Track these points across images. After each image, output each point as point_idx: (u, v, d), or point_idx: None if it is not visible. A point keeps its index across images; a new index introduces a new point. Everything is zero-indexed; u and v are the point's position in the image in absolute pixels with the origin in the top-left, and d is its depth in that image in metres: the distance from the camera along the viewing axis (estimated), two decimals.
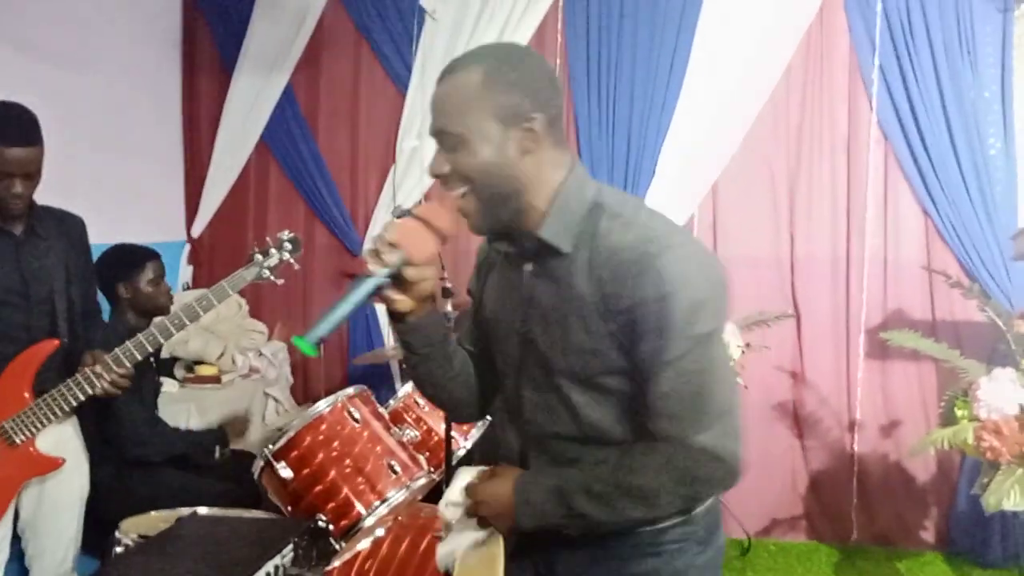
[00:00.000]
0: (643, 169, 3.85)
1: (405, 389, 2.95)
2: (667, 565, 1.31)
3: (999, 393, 2.85)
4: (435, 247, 1.26)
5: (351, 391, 2.48)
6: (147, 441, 2.70)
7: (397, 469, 2.34)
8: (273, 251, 2.47)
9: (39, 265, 2.37)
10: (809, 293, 3.87)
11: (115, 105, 3.69)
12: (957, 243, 3.62)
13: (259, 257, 2.46)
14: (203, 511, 2.28)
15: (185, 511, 2.23)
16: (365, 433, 2.39)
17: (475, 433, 2.88)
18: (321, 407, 2.37)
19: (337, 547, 2.24)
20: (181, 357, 3.77)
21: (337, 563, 2.29)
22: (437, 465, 2.62)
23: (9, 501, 2.32)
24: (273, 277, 2.47)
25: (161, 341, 2.37)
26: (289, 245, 2.49)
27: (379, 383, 4.04)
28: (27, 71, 3.08)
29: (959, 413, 3.00)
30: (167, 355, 3.71)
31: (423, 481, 2.41)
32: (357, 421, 2.39)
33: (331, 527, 2.23)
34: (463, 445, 2.84)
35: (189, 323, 2.41)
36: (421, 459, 2.49)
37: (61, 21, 3.33)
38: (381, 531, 2.38)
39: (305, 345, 1.17)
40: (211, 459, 2.84)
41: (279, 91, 4.16)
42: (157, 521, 2.26)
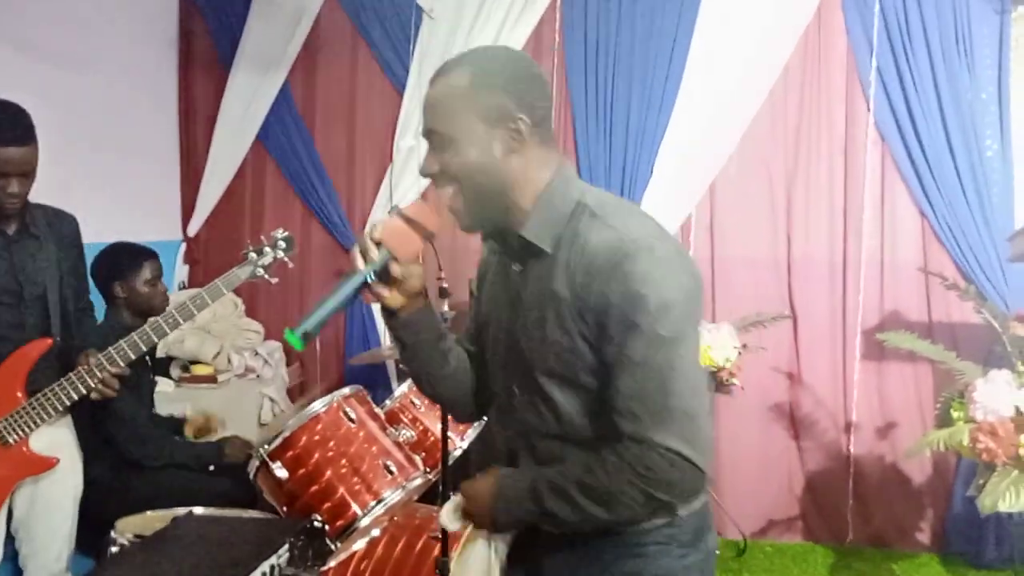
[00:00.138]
0: (640, 169, 3.85)
1: (401, 389, 2.94)
2: (649, 566, 1.31)
3: (995, 395, 2.86)
4: (419, 245, 1.31)
5: (347, 391, 2.47)
6: (147, 441, 2.70)
7: (393, 469, 2.33)
8: (267, 250, 2.47)
9: (32, 264, 2.36)
10: (806, 294, 3.88)
11: (112, 104, 3.68)
12: (954, 245, 3.62)
13: (253, 256, 2.46)
14: (199, 511, 2.27)
15: (181, 511, 2.22)
16: (361, 433, 2.38)
17: (471, 433, 2.88)
18: (317, 407, 2.36)
19: (333, 547, 2.24)
20: (177, 356, 3.76)
21: (333, 563, 2.29)
22: (433, 465, 2.62)
23: (3, 501, 2.31)
24: (267, 276, 2.47)
25: (155, 340, 2.36)
26: (283, 243, 2.49)
27: (375, 383, 4.04)
28: (25, 70, 3.07)
29: (955, 415, 3.00)
30: (163, 354, 3.70)
31: (419, 481, 2.40)
32: (353, 421, 2.38)
33: (327, 527, 2.22)
34: (459, 446, 2.83)
35: (183, 322, 2.40)
36: (417, 459, 2.48)
37: (58, 21, 3.32)
38: (377, 531, 2.38)
39: (293, 338, 1.21)
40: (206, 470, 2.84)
41: (276, 90, 4.16)
42: (153, 521, 2.25)
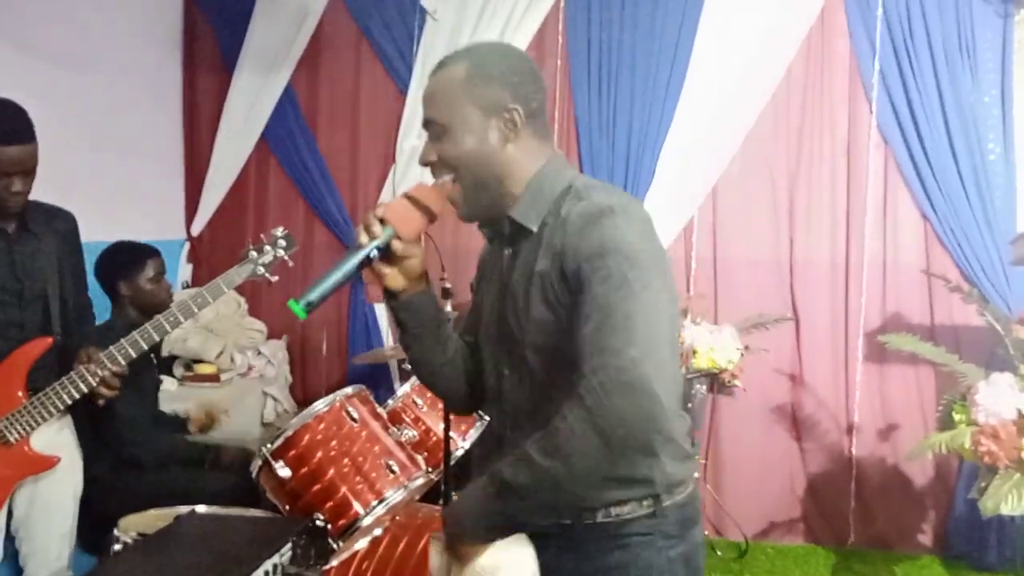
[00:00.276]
0: (643, 170, 3.85)
1: (404, 389, 2.95)
2: (633, 558, 1.31)
3: (997, 397, 2.86)
4: (422, 225, 1.34)
5: (349, 390, 2.47)
6: (140, 442, 2.70)
7: (395, 469, 2.33)
8: (267, 248, 2.46)
9: (32, 262, 2.36)
10: (808, 296, 3.88)
11: (116, 104, 3.69)
12: (956, 247, 3.62)
13: (254, 254, 2.45)
14: (201, 509, 2.27)
15: (184, 509, 2.22)
16: (363, 433, 2.38)
17: (473, 433, 2.88)
18: (319, 406, 2.36)
19: (335, 546, 2.24)
20: (180, 355, 3.77)
21: (335, 562, 2.29)
22: (435, 465, 2.62)
23: (4, 500, 2.31)
24: (267, 274, 2.47)
25: (156, 338, 2.36)
26: (283, 242, 2.48)
27: (378, 383, 4.05)
28: (28, 70, 3.08)
29: (957, 417, 3.01)
30: (166, 353, 3.71)
31: (421, 481, 2.40)
32: (355, 421, 2.38)
33: (329, 526, 2.22)
34: (461, 445, 2.83)
35: (184, 321, 2.40)
36: (419, 459, 2.48)
37: (63, 21, 3.33)
38: (379, 531, 2.38)
39: (297, 308, 1.25)
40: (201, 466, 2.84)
41: (280, 90, 4.17)
42: (155, 519, 2.25)
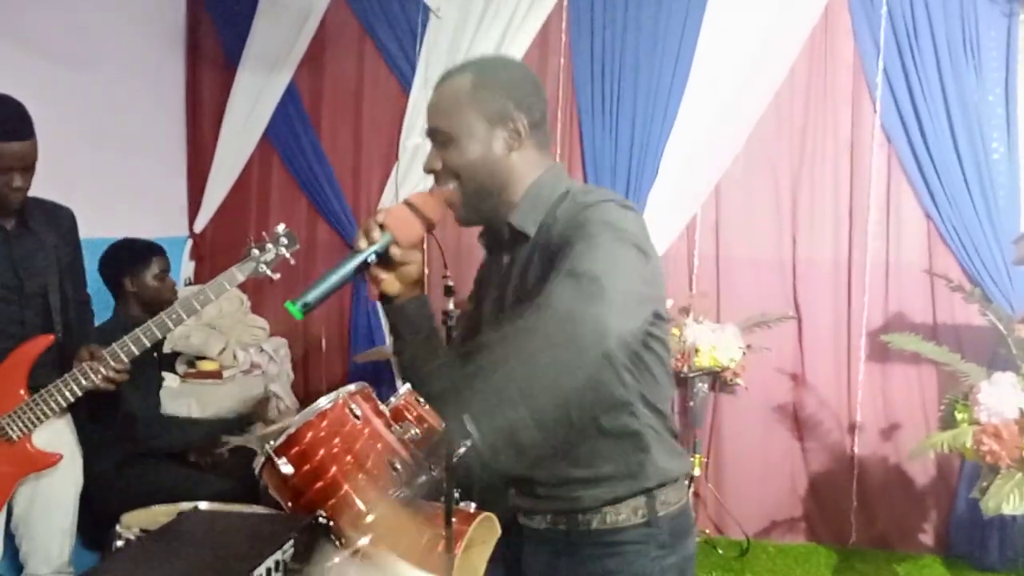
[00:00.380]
0: (646, 170, 3.85)
1: (406, 387, 2.93)
2: (627, 566, 1.33)
3: (999, 397, 2.86)
4: (420, 232, 1.36)
5: (352, 388, 2.46)
6: (158, 434, 2.72)
7: (398, 467, 2.34)
8: (269, 246, 2.46)
9: (32, 259, 2.36)
10: (811, 295, 3.87)
11: (119, 101, 3.69)
12: (959, 247, 3.62)
13: (255, 252, 2.45)
14: (204, 506, 2.27)
15: (186, 506, 2.22)
16: (366, 430, 2.36)
17: None
18: (323, 403, 2.36)
19: (337, 543, 2.24)
20: (183, 352, 3.78)
21: (337, 559, 2.29)
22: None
23: (7, 497, 2.31)
24: (269, 272, 2.46)
25: (158, 336, 2.36)
26: (285, 240, 2.47)
27: (380, 381, 4.05)
28: (33, 69, 3.09)
29: (959, 416, 3.01)
30: (169, 350, 3.72)
31: (423, 479, 2.40)
32: (358, 418, 2.37)
33: (331, 523, 2.22)
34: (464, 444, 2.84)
35: (187, 318, 2.41)
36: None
37: (66, 19, 3.33)
38: None
39: (293, 308, 1.27)
40: (216, 452, 2.85)
41: (283, 87, 4.17)
42: (158, 515, 2.25)
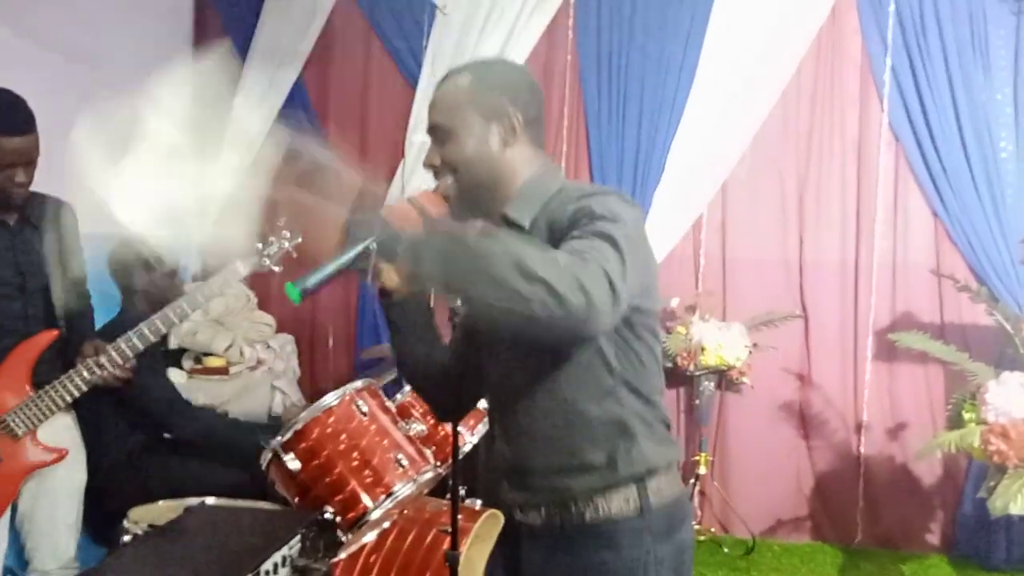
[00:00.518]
0: (652, 168, 3.84)
1: None
2: (622, 557, 1.34)
3: (1007, 397, 2.86)
4: (419, 225, 1.36)
5: (359, 384, 2.48)
6: (184, 423, 2.76)
7: (404, 463, 2.34)
8: (272, 240, 2.49)
9: (34, 255, 2.38)
10: (817, 295, 3.87)
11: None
12: (967, 246, 3.61)
13: (259, 246, 2.48)
14: (211, 501, 2.29)
15: (193, 501, 2.24)
16: (372, 426, 2.39)
17: (481, 428, 2.88)
18: (330, 400, 2.37)
19: (343, 539, 2.25)
20: (189, 348, 3.79)
21: (343, 555, 2.30)
22: (444, 459, 2.62)
23: (15, 493, 2.33)
24: (272, 265, 2.49)
25: (163, 331, 2.38)
26: (287, 233, 2.51)
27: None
28: (40, 66, 3.08)
29: (966, 416, 3.00)
30: (176, 346, 3.73)
31: (430, 475, 2.41)
32: (365, 414, 2.39)
33: (338, 519, 2.23)
34: (469, 440, 2.84)
35: (191, 313, 2.43)
36: (428, 453, 2.49)
37: (73, 14, 3.33)
38: (387, 524, 2.39)
39: (293, 292, 1.30)
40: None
41: (289, 85, 4.17)
42: (165, 510, 2.26)
